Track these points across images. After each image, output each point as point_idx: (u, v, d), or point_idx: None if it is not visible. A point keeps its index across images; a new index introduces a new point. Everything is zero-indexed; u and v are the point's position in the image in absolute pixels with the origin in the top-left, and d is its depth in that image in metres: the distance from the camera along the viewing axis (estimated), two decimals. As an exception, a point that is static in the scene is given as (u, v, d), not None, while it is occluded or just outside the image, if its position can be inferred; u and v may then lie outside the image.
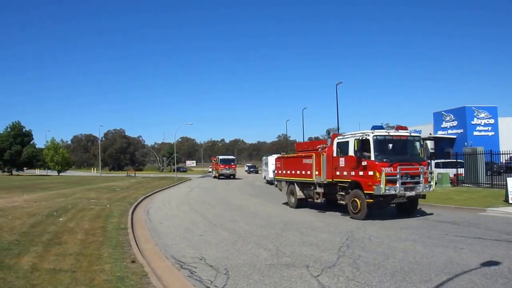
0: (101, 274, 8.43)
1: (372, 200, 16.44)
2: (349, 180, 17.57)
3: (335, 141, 18.93)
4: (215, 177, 66.10)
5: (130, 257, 10.14)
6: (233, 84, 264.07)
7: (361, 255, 10.36)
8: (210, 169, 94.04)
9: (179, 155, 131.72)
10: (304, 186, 21.37)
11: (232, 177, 62.58)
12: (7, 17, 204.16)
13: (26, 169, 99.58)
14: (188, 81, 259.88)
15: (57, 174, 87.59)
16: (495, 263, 9.16)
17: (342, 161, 18.19)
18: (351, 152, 17.56)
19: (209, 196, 31.38)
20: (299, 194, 21.68)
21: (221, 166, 63.24)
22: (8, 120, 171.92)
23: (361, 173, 16.93)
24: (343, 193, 18.10)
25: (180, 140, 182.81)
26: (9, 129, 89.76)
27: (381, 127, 17.91)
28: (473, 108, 50.59)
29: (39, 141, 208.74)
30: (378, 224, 15.53)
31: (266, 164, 50.26)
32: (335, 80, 74.22)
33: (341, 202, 18.37)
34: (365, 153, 16.78)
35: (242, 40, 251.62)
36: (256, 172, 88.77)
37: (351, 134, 18.07)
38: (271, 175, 45.43)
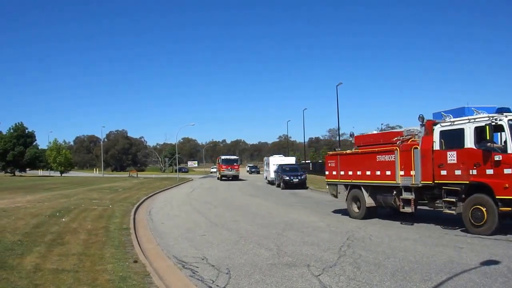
0: (103, 274, 8.44)
1: (510, 208, 12.05)
2: (466, 182, 13.17)
3: (437, 129, 14.64)
4: (218, 178, 62.22)
5: (133, 257, 10.15)
6: (234, 85, 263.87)
7: (361, 255, 10.35)
8: (214, 170, 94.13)
9: (181, 155, 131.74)
10: (377, 190, 16.72)
11: (235, 178, 59.05)
12: (8, 18, 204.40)
13: (29, 170, 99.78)
14: (190, 82, 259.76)
15: (59, 175, 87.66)
16: (495, 262, 9.14)
17: (452, 156, 13.72)
18: (468, 144, 13.33)
19: (210, 197, 31.40)
20: (369, 201, 16.96)
21: (223, 166, 59.82)
22: (11, 121, 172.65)
23: (489, 171, 12.57)
24: (454, 199, 13.63)
25: (181, 140, 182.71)
26: (12, 130, 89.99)
27: (508, 109, 13.54)
28: (472, 108, 50.24)
29: (42, 142, 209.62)
30: (379, 224, 15.52)
31: (268, 164, 50.30)
32: (335, 81, 74.56)
33: (449, 211, 13.84)
34: (495, 145, 12.85)
35: (243, 41, 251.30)
36: (258, 173, 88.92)
37: (467, 119, 13.82)
38: (272, 175, 45.57)
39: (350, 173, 17.96)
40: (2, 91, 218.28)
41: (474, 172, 12.97)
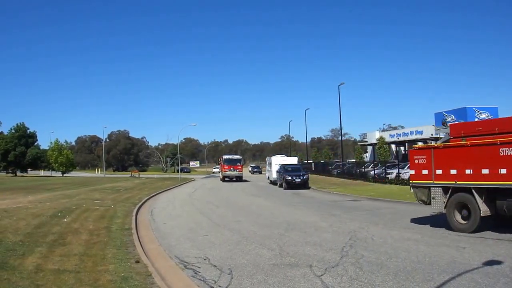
0: (105, 275, 8.46)
1: None
2: None
3: None
4: (221, 179, 57.91)
5: (134, 257, 10.17)
6: (236, 85, 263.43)
7: (364, 255, 10.35)
8: (217, 170, 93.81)
9: (183, 156, 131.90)
10: (499, 194, 12.62)
11: (238, 179, 56.20)
12: (10, 17, 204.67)
13: (31, 170, 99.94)
14: (192, 82, 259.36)
15: (61, 175, 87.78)
16: (497, 262, 9.14)
17: None
18: None
19: (212, 197, 31.43)
20: (484, 208, 12.79)
21: (225, 167, 55.96)
22: (12, 121, 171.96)
23: None
24: None
25: (183, 141, 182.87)
26: (13, 131, 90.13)
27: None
28: (474, 108, 50.26)
29: (43, 143, 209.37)
30: (381, 224, 15.50)
31: (270, 164, 50.32)
32: (337, 81, 74.39)
33: None
34: None
35: (245, 42, 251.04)
36: (260, 173, 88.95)
37: None
38: (274, 175, 45.57)
39: (453, 172, 13.84)
40: (3, 91, 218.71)
41: None
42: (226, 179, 56.17)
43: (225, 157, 59.92)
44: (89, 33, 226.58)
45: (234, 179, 56.00)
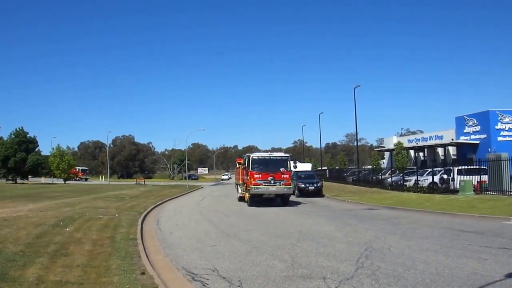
0: (109, 287, 8.50)
1: None
2: None
3: None
4: (241, 199, 33.36)
5: (140, 269, 10.19)
6: (246, 88, 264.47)
7: (380, 266, 10.33)
8: (226, 177, 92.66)
9: (191, 162, 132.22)
10: None
11: (282, 201, 30.31)
12: (10, 18, 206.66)
13: (31, 177, 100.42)
14: (200, 85, 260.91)
15: (63, 182, 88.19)
16: (521, 275, 9.10)
17: None
18: None
19: (221, 205, 31.46)
20: None
21: (257, 176, 28.86)
22: (12, 126, 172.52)
23: None
24: None
25: (191, 146, 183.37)
26: (12, 136, 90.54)
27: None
28: (497, 112, 50.00)
29: (45, 148, 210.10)
30: (399, 234, 15.46)
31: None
32: (353, 84, 73.76)
33: None
34: None
35: (255, 43, 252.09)
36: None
37: None
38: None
39: None
40: (1, 94, 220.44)
41: None
42: (255, 199, 29.60)
43: (255, 156, 31.12)
44: (91, 34, 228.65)
45: (274, 196, 30.22)
